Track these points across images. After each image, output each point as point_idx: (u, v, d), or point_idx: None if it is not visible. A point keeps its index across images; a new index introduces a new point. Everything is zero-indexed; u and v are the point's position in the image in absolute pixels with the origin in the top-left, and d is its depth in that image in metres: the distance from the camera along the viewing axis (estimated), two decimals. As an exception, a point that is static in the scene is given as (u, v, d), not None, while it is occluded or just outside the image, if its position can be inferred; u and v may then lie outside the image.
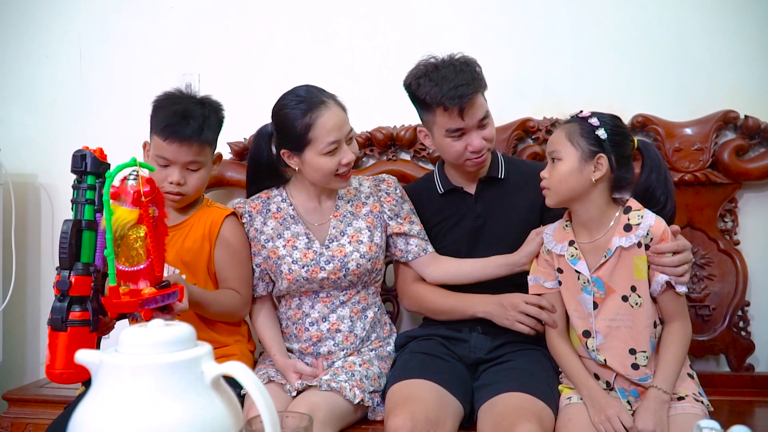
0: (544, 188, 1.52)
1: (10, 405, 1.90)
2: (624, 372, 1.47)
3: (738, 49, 2.07)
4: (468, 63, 1.69)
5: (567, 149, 1.47)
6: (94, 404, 0.71)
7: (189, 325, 0.76)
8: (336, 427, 1.53)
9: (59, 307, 1.19)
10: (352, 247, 1.73)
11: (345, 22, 2.27)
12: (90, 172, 1.27)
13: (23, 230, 2.43)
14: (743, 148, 2.00)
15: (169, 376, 0.71)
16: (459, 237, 1.80)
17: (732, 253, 2.00)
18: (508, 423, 1.40)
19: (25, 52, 2.48)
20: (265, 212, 1.79)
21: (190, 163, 1.66)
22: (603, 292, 1.49)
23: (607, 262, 1.47)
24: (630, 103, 2.08)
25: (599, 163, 1.45)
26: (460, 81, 1.63)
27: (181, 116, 1.63)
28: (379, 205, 1.81)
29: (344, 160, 1.66)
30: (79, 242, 1.24)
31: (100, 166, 1.28)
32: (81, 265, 1.23)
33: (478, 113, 1.66)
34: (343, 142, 1.66)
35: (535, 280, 1.63)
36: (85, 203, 1.26)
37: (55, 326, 1.19)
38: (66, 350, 1.18)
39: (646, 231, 1.44)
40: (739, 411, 1.79)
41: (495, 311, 1.67)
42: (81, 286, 1.21)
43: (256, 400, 0.72)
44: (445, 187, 1.83)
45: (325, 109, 1.64)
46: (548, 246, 1.59)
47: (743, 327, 1.99)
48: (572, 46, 2.14)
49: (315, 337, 1.73)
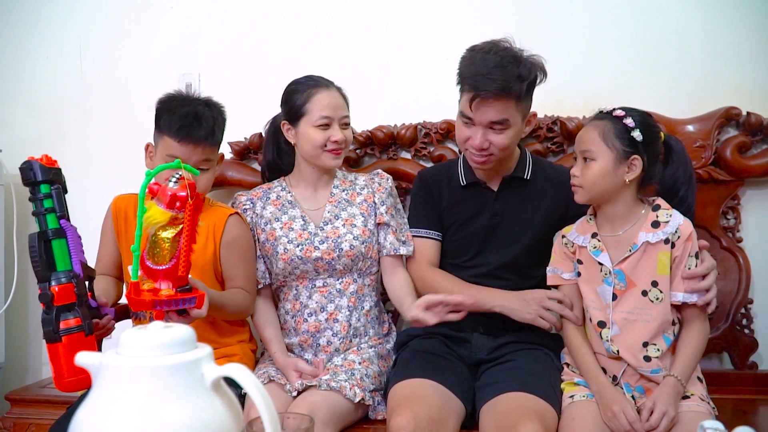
0: (575, 186, 1.51)
1: (13, 405, 1.90)
2: (636, 364, 1.47)
3: (740, 46, 2.06)
4: (517, 62, 1.57)
5: (602, 150, 1.46)
6: (94, 407, 0.71)
7: (189, 327, 0.76)
8: (337, 426, 1.53)
9: (48, 320, 1.19)
10: (345, 229, 1.77)
11: (345, 20, 2.27)
12: (41, 181, 1.26)
13: (25, 231, 2.43)
14: (745, 144, 1.99)
15: (169, 378, 0.71)
16: (472, 233, 1.78)
17: (734, 250, 1.99)
18: (510, 423, 1.39)
19: (26, 52, 2.48)
20: (265, 199, 1.86)
21: (201, 162, 1.67)
22: (623, 285, 1.49)
23: (631, 255, 1.48)
24: (631, 100, 2.02)
25: (633, 164, 1.46)
26: (493, 74, 1.54)
27: (194, 118, 1.65)
28: (372, 195, 1.84)
29: (334, 137, 1.75)
30: (50, 252, 1.23)
31: (50, 173, 1.27)
32: (60, 274, 1.23)
33: (491, 114, 1.59)
34: (335, 122, 1.76)
35: (553, 271, 1.63)
36: (45, 213, 1.25)
37: (49, 339, 1.19)
38: (67, 359, 1.18)
39: (674, 228, 1.45)
40: (743, 409, 1.78)
41: (515, 305, 1.65)
42: (65, 295, 1.21)
43: (256, 402, 0.71)
44: (467, 180, 1.79)
45: (325, 89, 1.77)
46: (571, 238, 1.59)
47: (746, 325, 1.98)
48: (573, 43, 2.14)
49: (313, 328, 1.75)
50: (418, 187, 1.88)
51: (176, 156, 1.62)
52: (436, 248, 1.82)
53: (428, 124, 2.15)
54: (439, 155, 2.13)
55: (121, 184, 2.26)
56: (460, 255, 1.80)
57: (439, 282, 1.76)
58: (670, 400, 1.39)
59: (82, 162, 2.41)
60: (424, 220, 1.83)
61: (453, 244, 1.81)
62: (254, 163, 2.27)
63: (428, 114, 2.12)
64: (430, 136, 2.15)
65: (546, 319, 1.62)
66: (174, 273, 1.25)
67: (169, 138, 1.65)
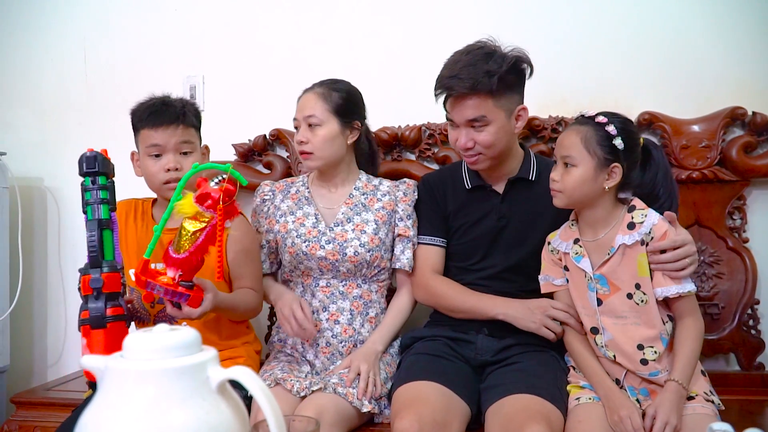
0: (555, 191, 1.51)
1: (18, 408, 1.90)
2: (633, 368, 1.46)
3: (745, 45, 2.05)
4: (487, 59, 1.59)
5: (583, 156, 1.46)
6: (99, 411, 0.71)
7: (194, 330, 0.75)
8: (343, 429, 1.53)
9: (97, 306, 1.22)
10: (354, 234, 1.77)
11: (349, 22, 2.27)
12: (101, 172, 1.31)
13: (30, 234, 2.44)
14: (751, 144, 1.98)
15: (174, 382, 0.70)
16: (480, 235, 1.77)
17: (741, 251, 1.98)
18: (516, 425, 1.38)
19: (30, 55, 2.49)
20: (285, 192, 1.91)
21: (181, 144, 1.70)
22: (607, 289, 1.49)
23: (610, 259, 1.48)
24: (636, 101, 2.06)
25: (613, 171, 1.46)
26: (462, 73, 1.58)
27: (162, 103, 1.71)
28: (394, 204, 1.84)
29: (298, 137, 1.79)
30: (101, 240, 1.27)
31: (109, 166, 1.33)
32: (108, 263, 1.26)
33: (467, 113, 1.62)
34: (302, 123, 1.78)
35: (545, 279, 1.64)
36: (101, 203, 1.29)
37: (95, 324, 1.21)
38: (105, 347, 1.21)
39: (648, 229, 1.44)
40: (750, 410, 1.77)
41: (519, 314, 1.65)
42: (112, 283, 1.24)
43: (262, 405, 0.71)
44: (473, 183, 1.79)
45: (304, 93, 1.82)
46: (555, 245, 1.60)
47: (753, 325, 1.97)
48: (577, 42, 2.13)
49: (314, 327, 1.75)
50: (422, 192, 1.87)
51: (155, 142, 1.69)
52: (441, 255, 1.82)
53: (432, 125, 2.15)
54: (443, 156, 2.12)
55: (125, 187, 2.26)
56: (467, 258, 1.79)
57: (442, 290, 1.77)
58: (672, 408, 1.37)
59: (87, 165, 2.42)
60: (429, 226, 1.83)
61: (460, 247, 1.80)
62: (258, 165, 2.27)
63: (432, 115, 2.11)
64: (434, 137, 2.15)
65: (551, 328, 1.61)
66: (184, 265, 1.31)
67: (145, 129, 1.70)
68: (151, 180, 1.72)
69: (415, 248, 1.82)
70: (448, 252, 1.82)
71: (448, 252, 1.82)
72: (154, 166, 1.69)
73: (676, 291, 1.43)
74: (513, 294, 1.71)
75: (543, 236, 1.68)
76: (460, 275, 1.79)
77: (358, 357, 1.68)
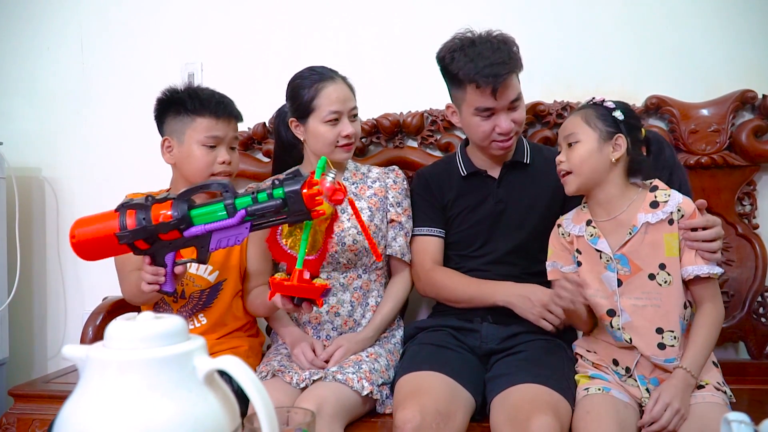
0: (564, 172, 1.51)
1: (17, 401, 1.88)
2: (650, 352, 1.44)
3: (755, 27, 2.01)
4: (506, 41, 1.63)
5: (585, 131, 1.48)
6: (80, 403, 0.68)
7: (180, 318, 0.72)
8: (344, 419, 1.50)
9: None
10: (350, 223, 1.74)
11: (349, 8, 2.23)
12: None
13: (27, 225, 2.42)
14: (761, 128, 1.94)
15: (159, 372, 0.67)
16: (479, 221, 1.77)
17: (751, 237, 1.94)
18: (522, 416, 1.35)
19: (27, 44, 2.46)
20: None
21: (233, 139, 1.72)
22: (628, 270, 1.47)
23: (632, 239, 1.46)
24: (643, 85, 2.03)
25: (617, 143, 1.47)
26: (497, 59, 1.59)
27: (221, 96, 1.72)
28: (385, 191, 1.82)
29: (344, 132, 1.71)
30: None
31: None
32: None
33: (511, 94, 1.63)
34: (345, 116, 1.72)
35: (552, 266, 1.62)
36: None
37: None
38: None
39: (675, 207, 1.43)
40: (760, 399, 1.74)
41: (519, 303, 1.63)
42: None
43: (251, 396, 0.68)
44: (468, 170, 1.79)
45: (331, 82, 1.72)
46: (566, 228, 1.58)
47: (763, 313, 1.94)
48: (582, 27, 2.09)
49: (315, 320, 1.74)
50: (417, 185, 1.88)
51: (217, 134, 1.67)
52: (440, 245, 1.81)
53: (435, 112, 2.11)
54: (446, 143, 2.08)
55: (123, 176, 2.23)
56: (468, 245, 1.79)
57: (443, 280, 1.76)
58: (676, 393, 1.35)
59: (84, 154, 2.39)
60: (426, 218, 1.83)
61: (460, 234, 1.79)
62: (258, 153, 2.24)
63: (435, 101, 2.08)
64: (437, 123, 2.11)
65: (549, 321, 1.59)
66: (318, 264, 1.31)
67: (206, 118, 1.66)
68: (200, 169, 1.67)
69: (407, 236, 1.81)
70: (449, 241, 1.81)
71: (449, 241, 1.81)
72: (208, 156, 1.66)
73: (708, 271, 1.42)
74: (517, 277, 1.69)
75: (542, 217, 1.69)
76: (463, 263, 1.78)
77: (343, 337, 1.69)
